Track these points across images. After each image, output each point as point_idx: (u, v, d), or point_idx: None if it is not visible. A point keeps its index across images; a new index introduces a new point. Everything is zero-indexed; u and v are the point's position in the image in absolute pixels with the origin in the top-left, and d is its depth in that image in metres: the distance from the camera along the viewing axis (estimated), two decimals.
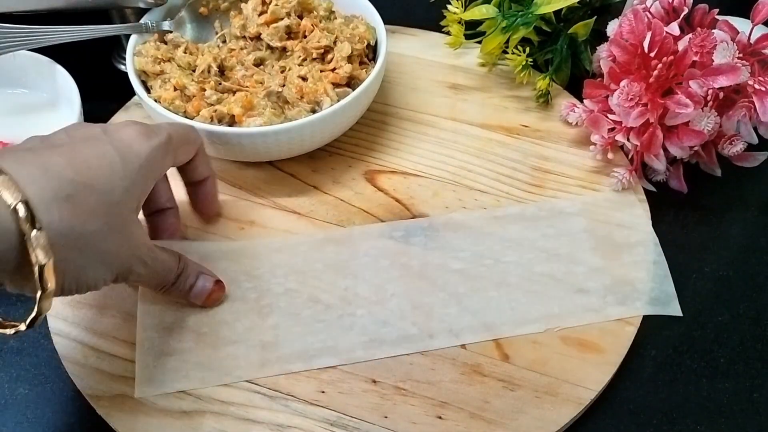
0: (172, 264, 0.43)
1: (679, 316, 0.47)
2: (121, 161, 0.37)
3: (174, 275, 0.43)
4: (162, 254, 0.42)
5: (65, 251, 0.34)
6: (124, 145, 0.38)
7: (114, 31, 0.56)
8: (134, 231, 0.39)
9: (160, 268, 0.42)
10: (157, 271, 0.41)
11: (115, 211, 0.37)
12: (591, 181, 0.54)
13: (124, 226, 0.38)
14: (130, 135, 0.39)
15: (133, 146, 0.38)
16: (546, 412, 0.42)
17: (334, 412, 0.42)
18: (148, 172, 0.39)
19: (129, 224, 0.38)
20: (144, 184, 0.40)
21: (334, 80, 0.53)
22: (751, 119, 0.51)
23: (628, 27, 0.52)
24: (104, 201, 0.36)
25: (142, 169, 0.39)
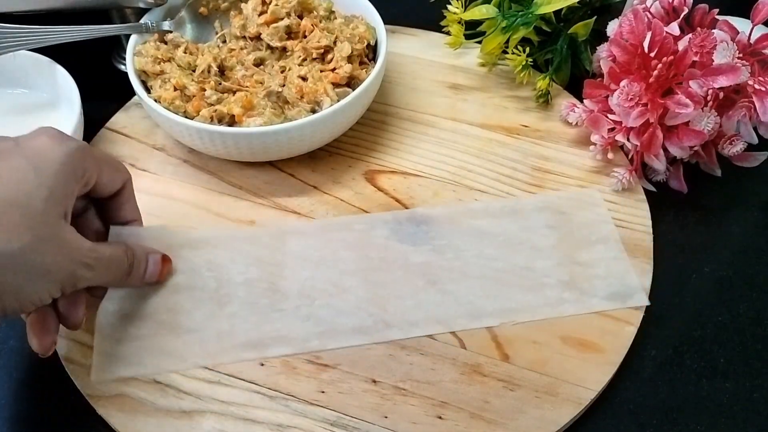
0: (121, 257, 0.42)
1: (647, 305, 0.47)
2: (35, 171, 0.36)
3: (126, 267, 0.42)
4: (107, 250, 0.41)
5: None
6: (36, 153, 0.37)
7: (114, 31, 0.56)
8: (67, 237, 0.38)
9: (108, 266, 0.41)
10: (107, 269, 0.41)
11: (39, 222, 0.36)
12: (591, 181, 0.54)
13: (54, 236, 0.37)
14: (43, 142, 0.38)
15: (46, 153, 0.37)
16: (546, 412, 0.42)
17: (334, 412, 0.42)
18: (67, 176, 0.38)
19: (59, 232, 0.37)
20: (65, 188, 0.38)
21: (334, 80, 0.53)
22: (751, 119, 0.51)
23: (628, 27, 0.52)
24: (25, 215, 0.35)
25: (59, 174, 0.37)
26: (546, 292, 0.47)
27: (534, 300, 0.47)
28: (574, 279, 0.48)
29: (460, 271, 0.48)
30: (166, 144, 0.56)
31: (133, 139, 0.57)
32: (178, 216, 0.51)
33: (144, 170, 0.55)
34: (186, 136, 0.52)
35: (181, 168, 0.55)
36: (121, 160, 0.55)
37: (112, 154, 0.45)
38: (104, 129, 0.57)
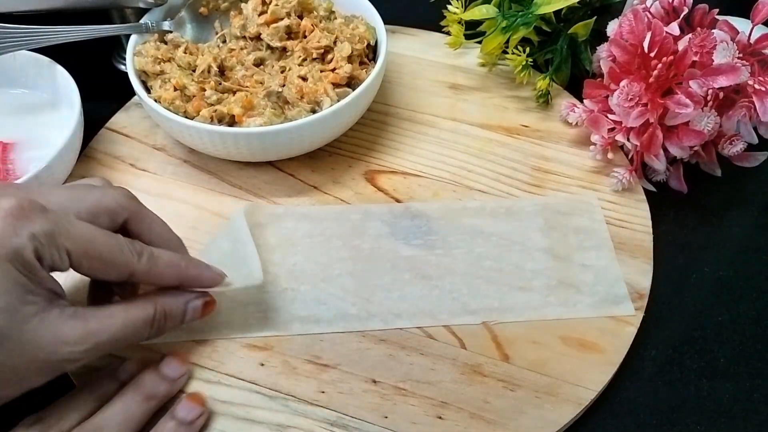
0: (138, 324, 0.38)
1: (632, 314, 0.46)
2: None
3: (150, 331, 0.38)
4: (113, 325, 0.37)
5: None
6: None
7: (114, 31, 0.56)
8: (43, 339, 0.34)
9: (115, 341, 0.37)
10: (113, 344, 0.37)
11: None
12: (591, 181, 0.54)
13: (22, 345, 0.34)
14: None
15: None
16: (546, 412, 0.42)
17: (334, 412, 0.42)
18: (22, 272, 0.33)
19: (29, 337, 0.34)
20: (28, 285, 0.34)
21: (334, 80, 0.53)
22: (751, 119, 0.51)
23: (628, 27, 0.52)
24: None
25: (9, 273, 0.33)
26: (533, 294, 0.47)
27: (520, 301, 0.47)
28: (562, 283, 0.48)
29: (448, 268, 0.48)
30: (166, 144, 0.56)
31: (133, 139, 0.57)
32: (178, 216, 0.51)
33: (144, 170, 0.55)
34: (186, 136, 0.52)
35: (181, 168, 0.55)
36: (121, 160, 0.55)
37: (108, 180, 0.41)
38: (104, 129, 0.57)
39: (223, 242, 0.47)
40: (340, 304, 0.47)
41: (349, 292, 0.47)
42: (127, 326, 0.37)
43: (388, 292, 0.47)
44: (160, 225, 0.41)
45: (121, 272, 0.37)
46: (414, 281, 0.48)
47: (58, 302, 0.35)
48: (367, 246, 0.50)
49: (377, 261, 0.49)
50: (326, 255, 0.49)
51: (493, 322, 0.46)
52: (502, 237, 0.50)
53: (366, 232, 0.50)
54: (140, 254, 0.38)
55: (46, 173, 0.48)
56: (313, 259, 0.49)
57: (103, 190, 0.39)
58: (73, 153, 0.52)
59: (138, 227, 0.40)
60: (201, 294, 0.42)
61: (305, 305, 0.46)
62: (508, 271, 0.48)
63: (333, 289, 0.47)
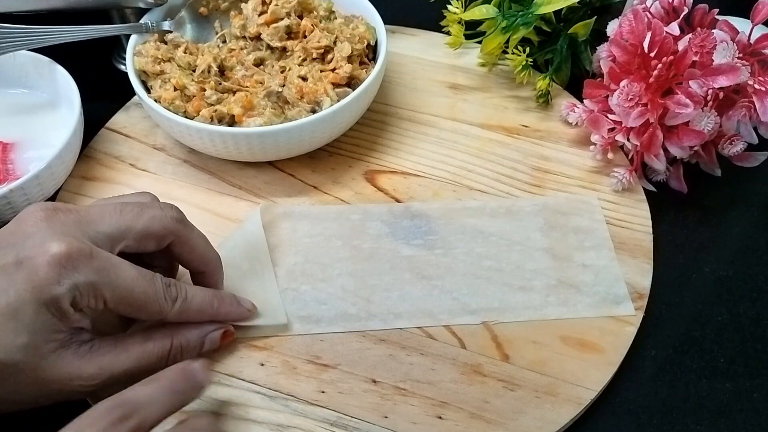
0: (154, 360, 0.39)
1: (632, 314, 0.46)
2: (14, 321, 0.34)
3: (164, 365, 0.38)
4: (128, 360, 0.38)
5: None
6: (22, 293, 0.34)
7: (114, 31, 0.56)
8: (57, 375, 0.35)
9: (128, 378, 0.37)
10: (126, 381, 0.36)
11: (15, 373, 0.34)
12: (591, 181, 0.54)
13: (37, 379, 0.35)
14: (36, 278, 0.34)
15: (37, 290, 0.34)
16: (546, 412, 0.42)
17: (334, 412, 0.42)
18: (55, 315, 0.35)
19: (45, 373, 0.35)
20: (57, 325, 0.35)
21: (334, 80, 0.53)
22: (751, 119, 0.51)
23: (628, 27, 0.52)
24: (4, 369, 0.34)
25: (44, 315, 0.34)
26: (532, 294, 0.47)
27: (520, 301, 0.47)
28: (562, 283, 0.48)
29: (448, 267, 0.48)
30: (166, 144, 0.56)
31: (133, 139, 0.57)
32: None
33: (144, 170, 0.55)
34: (186, 136, 0.52)
35: (181, 168, 0.55)
36: (121, 160, 0.55)
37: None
38: (104, 129, 0.57)
39: (242, 260, 0.47)
40: (340, 304, 0.47)
41: (349, 292, 0.47)
42: (141, 361, 0.38)
43: (388, 292, 0.47)
44: (201, 246, 0.42)
45: (153, 316, 0.39)
46: (414, 281, 0.48)
47: (79, 337, 0.37)
48: (367, 246, 0.50)
49: (377, 261, 0.49)
50: (326, 255, 0.49)
51: (493, 322, 0.46)
52: (502, 237, 0.50)
53: (366, 232, 0.50)
54: (174, 300, 0.39)
55: (46, 173, 0.48)
56: (313, 259, 0.49)
57: (152, 213, 0.40)
58: (73, 153, 0.52)
59: (180, 249, 0.41)
60: (221, 325, 0.42)
61: (305, 305, 0.46)
62: (508, 271, 0.48)
63: (333, 289, 0.47)
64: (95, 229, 0.37)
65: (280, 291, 0.47)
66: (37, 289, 0.34)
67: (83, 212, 0.38)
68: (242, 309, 0.43)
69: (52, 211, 0.37)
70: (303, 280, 0.48)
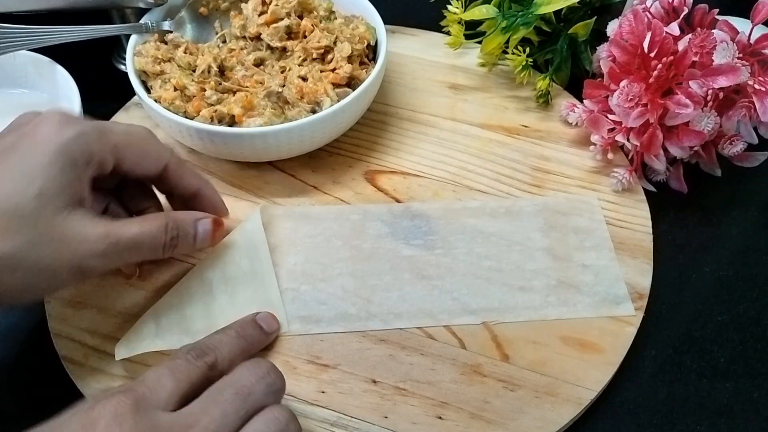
0: (154, 233, 0.41)
1: (632, 314, 0.46)
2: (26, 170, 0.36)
3: (165, 240, 0.41)
4: (132, 229, 0.40)
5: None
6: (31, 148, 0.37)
7: (114, 31, 0.56)
8: (66, 232, 0.37)
9: (135, 246, 0.40)
10: (133, 250, 0.40)
11: (29, 223, 0.36)
12: (591, 181, 0.54)
13: (51, 233, 0.36)
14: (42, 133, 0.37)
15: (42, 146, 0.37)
16: (546, 412, 0.42)
17: (334, 412, 0.42)
18: (63, 167, 0.37)
19: (55, 229, 0.37)
20: (62, 179, 0.37)
21: (334, 80, 0.53)
22: (751, 119, 0.51)
23: (628, 27, 0.52)
24: (14, 218, 0.35)
25: (52, 166, 0.37)
26: (533, 294, 0.47)
27: (520, 301, 0.47)
28: (562, 284, 0.48)
29: (448, 268, 0.48)
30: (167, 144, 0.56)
31: None
32: None
33: None
34: (186, 136, 0.52)
35: None
36: None
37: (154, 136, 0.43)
38: None
39: (242, 260, 0.47)
40: (340, 304, 0.47)
41: (349, 292, 0.47)
42: (144, 232, 0.40)
43: (388, 292, 0.47)
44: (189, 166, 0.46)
45: (159, 163, 0.43)
46: (414, 281, 0.48)
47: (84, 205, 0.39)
48: (367, 246, 0.50)
49: (377, 261, 0.49)
50: (326, 255, 0.49)
51: (494, 322, 0.46)
52: (502, 237, 0.50)
53: (366, 232, 0.50)
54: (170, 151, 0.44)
55: None
56: (313, 259, 0.49)
57: None
58: None
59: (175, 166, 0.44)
60: (209, 215, 0.44)
61: (305, 305, 0.46)
62: (508, 271, 0.48)
63: (333, 289, 0.47)
64: None
65: (280, 291, 0.47)
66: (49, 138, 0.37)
67: None
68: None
69: None
70: (303, 280, 0.48)
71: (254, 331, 0.43)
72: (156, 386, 0.35)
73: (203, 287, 0.45)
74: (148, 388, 0.35)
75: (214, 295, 0.45)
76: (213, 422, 0.34)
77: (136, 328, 0.44)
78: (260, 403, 0.36)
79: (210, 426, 0.34)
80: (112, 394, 0.34)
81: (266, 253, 0.48)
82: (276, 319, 0.45)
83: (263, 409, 0.36)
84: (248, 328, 0.43)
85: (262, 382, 0.37)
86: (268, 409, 0.36)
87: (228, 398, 0.35)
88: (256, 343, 0.43)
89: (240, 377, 0.37)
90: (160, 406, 0.34)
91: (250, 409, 0.36)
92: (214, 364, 0.38)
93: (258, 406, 0.36)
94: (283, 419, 0.36)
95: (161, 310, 0.44)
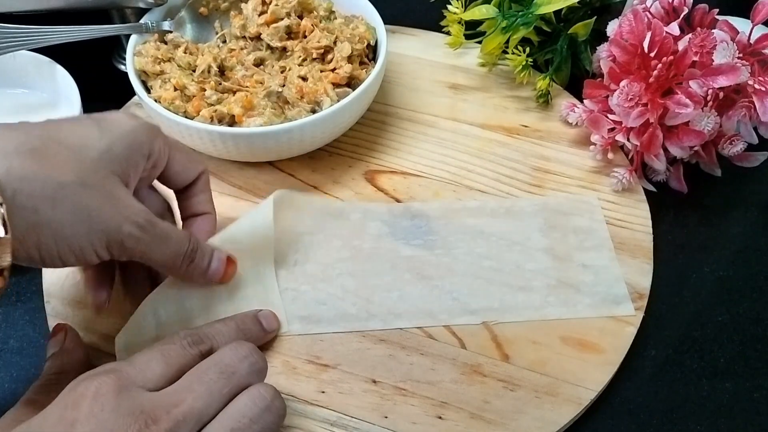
0: (181, 237, 0.41)
1: (632, 314, 0.46)
2: (99, 128, 0.37)
3: (187, 249, 0.41)
4: (166, 225, 0.40)
5: (30, 199, 0.33)
6: (107, 120, 0.38)
7: (114, 31, 0.56)
8: (116, 193, 0.37)
9: (164, 239, 0.39)
10: (162, 241, 0.39)
11: (88, 168, 0.36)
12: (591, 181, 0.54)
13: (104, 185, 0.36)
14: (117, 116, 0.39)
15: (116, 122, 0.38)
16: (546, 413, 0.42)
17: (334, 412, 0.42)
18: (131, 144, 0.38)
19: (108, 184, 0.37)
20: (127, 152, 0.38)
21: (334, 80, 0.53)
22: (751, 119, 0.51)
23: (628, 27, 0.52)
24: (76, 157, 0.35)
25: (123, 137, 0.38)
26: (532, 294, 0.47)
27: (520, 301, 0.47)
28: (562, 283, 0.48)
29: (448, 268, 0.48)
30: None
31: None
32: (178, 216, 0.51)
33: None
34: (186, 136, 0.52)
35: None
36: None
37: None
38: None
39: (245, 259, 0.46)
40: (340, 304, 0.47)
41: (350, 292, 0.47)
42: (175, 230, 0.41)
43: (388, 293, 0.47)
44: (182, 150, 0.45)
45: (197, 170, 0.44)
46: (414, 281, 0.48)
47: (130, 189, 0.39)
48: (367, 246, 0.50)
49: (377, 261, 0.49)
50: (326, 255, 0.49)
51: (494, 322, 0.46)
52: (502, 237, 0.50)
53: (366, 232, 0.50)
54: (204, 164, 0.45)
55: None
56: (313, 259, 0.49)
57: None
58: None
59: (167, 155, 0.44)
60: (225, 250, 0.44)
61: (305, 305, 0.46)
62: (508, 271, 0.48)
63: (333, 289, 0.47)
64: None
65: (280, 291, 0.47)
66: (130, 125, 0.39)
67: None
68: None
69: None
70: (303, 280, 0.48)
71: (254, 326, 0.43)
72: (144, 368, 0.35)
73: None
74: (135, 369, 0.35)
75: (214, 291, 0.45)
76: (198, 399, 0.34)
77: (136, 322, 0.43)
78: (244, 382, 0.37)
79: (195, 404, 0.34)
80: (96, 374, 0.34)
81: (271, 253, 0.47)
82: (277, 319, 0.45)
83: (248, 388, 0.36)
84: (248, 323, 0.43)
85: (245, 361, 0.37)
86: (253, 387, 0.37)
87: (213, 377, 0.36)
88: (254, 338, 0.42)
89: (223, 357, 0.37)
90: (145, 386, 0.34)
91: (234, 387, 0.36)
92: (208, 353, 0.38)
93: (242, 385, 0.36)
94: (269, 396, 0.36)
95: (159, 302, 0.44)
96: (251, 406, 0.36)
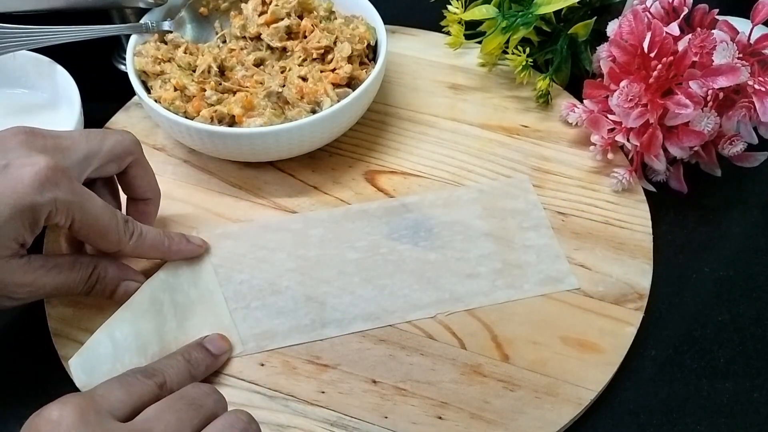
0: (76, 282, 0.42)
1: (576, 288, 0.47)
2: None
3: (83, 288, 0.42)
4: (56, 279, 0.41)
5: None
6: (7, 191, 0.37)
7: (114, 31, 0.56)
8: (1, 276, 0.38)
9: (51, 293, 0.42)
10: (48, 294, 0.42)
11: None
12: (591, 181, 0.54)
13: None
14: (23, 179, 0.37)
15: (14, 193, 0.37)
16: (546, 413, 0.42)
17: (334, 412, 0.42)
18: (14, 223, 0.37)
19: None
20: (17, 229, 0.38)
21: (335, 80, 0.53)
22: (751, 119, 0.51)
23: (627, 27, 0.52)
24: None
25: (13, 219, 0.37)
26: (480, 280, 0.48)
27: (468, 289, 0.47)
28: (507, 265, 0.48)
29: (395, 265, 0.49)
30: (166, 144, 0.56)
31: None
32: (178, 216, 0.51)
33: None
34: (186, 136, 0.52)
35: (181, 168, 0.55)
36: None
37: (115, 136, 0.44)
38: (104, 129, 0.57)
39: (189, 287, 0.46)
40: (293, 315, 0.46)
41: (301, 303, 0.47)
42: (68, 280, 0.42)
43: (339, 298, 0.47)
44: (152, 174, 0.47)
45: (111, 246, 0.42)
46: (363, 284, 0.48)
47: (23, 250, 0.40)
48: (312, 254, 0.49)
49: (324, 268, 0.48)
50: (272, 269, 0.48)
51: (446, 312, 0.46)
52: (443, 229, 0.50)
53: (309, 240, 0.50)
54: (131, 235, 0.43)
55: None
56: (259, 275, 0.48)
57: (114, 137, 0.44)
58: None
59: (136, 171, 0.45)
60: (139, 279, 0.45)
61: (258, 322, 0.46)
62: (453, 261, 0.49)
63: (284, 302, 0.46)
64: (69, 156, 0.41)
65: (230, 311, 0.46)
66: (19, 195, 0.37)
67: (58, 139, 0.41)
68: (192, 246, 0.47)
69: (31, 134, 0.40)
70: (252, 296, 0.47)
71: (200, 354, 0.42)
72: (106, 394, 0.35)
73: (154, 306, 0.44)
74: (98, 395, 0.35)
75: (165, 319, 0.44)
76: (170, 427, 0.34)
77: (91, 348, 0.42)
78: (212, 414, 0.36)
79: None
80: (54, 405, 0.33)
81: (212, 277, 0.47)
82: (226, 340, 0.44)
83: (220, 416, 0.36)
84: (194, 352, 0.42)
85: (209, 396, 0.37)
86: (229, 413, 0.37)
87: (182, 407, 0.35)
88: (203, 366, 0.42)
89: (188, 391, 0.37)
90: (111, 412, 0.34)
91: (203, 418, 0.36)
92: (163, 384, 0.38)
93: (210, 417, 0.36)
94: (245, 419, 0.36)
95: (115, 325, 0.43)
96: (229, 429, 0.35)
